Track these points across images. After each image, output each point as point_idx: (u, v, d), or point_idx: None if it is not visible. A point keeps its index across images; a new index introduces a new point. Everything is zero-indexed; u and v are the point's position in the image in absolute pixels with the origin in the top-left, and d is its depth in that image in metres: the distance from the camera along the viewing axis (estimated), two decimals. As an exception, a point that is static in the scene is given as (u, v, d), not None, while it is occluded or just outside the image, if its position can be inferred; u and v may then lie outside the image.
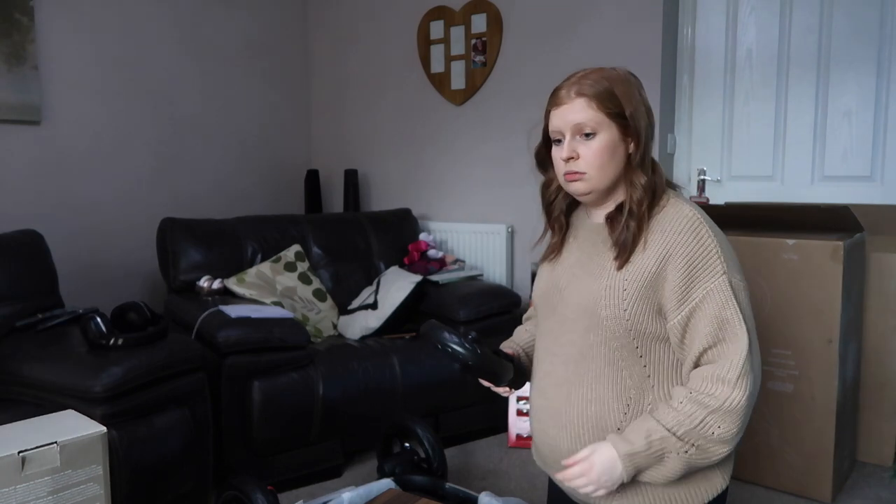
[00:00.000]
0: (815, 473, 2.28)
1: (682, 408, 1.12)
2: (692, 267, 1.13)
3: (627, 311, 1.17)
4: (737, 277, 1.15)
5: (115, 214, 3.24)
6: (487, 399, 2.80)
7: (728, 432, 1.11)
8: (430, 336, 1.31)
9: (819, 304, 2.22)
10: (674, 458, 1.13)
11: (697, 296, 1.13)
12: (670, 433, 1.12)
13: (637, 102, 1.21)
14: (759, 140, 2.98)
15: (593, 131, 1.20)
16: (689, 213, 1.17)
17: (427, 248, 3.33)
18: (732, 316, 1.12)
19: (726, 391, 1.10)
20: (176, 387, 2.03)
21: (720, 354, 1.12)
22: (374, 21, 3.88)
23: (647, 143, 1.21)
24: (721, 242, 1.16)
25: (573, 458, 1.17)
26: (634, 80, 1.24)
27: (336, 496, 1.67)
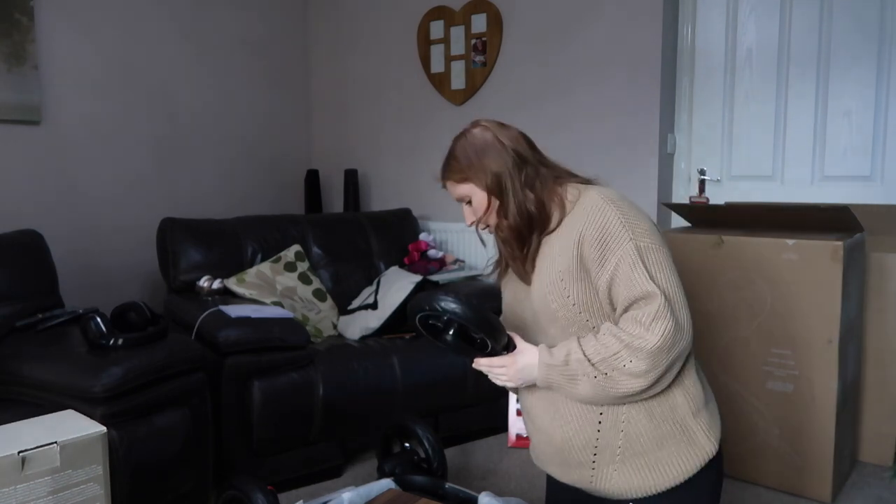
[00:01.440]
0: (815, 473, 2.28)
1: (602, 339, 1.27)
2: (601, 241, 1.29)
3: (571, 298, 1.33)
4: (645, 240, 1.28)
5: (115, 214, 3.24)
6: (487, 399, 2.81)
7: (637, 367, 1.24)
8: (421, 304, 1.33)
9: (819, 304, 2.22)
10: (585, 381, 1.28)
11: (611, 264, 1.28)
12: (586, 358, 1.27)
13: (478, 158, 1.39)
14: (759, 140, 2.98)
15: (467, 196, 1.43)
16: (595, 196, 1.33)
17: (427, 248, 3.33)
18: (641, 276, 1.25)
19: (640, 331, 1.23)
20: (176, 387, 2.03)
21: (639, 309, 1.26)
22: (374, 21, 3.88)
23: (511, 182, 1.37)
24: (626, 213, 1.30)
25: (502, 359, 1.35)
26: (471, 136, 1.43)
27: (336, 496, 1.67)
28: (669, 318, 1.23)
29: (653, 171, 3.02)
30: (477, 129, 1.43)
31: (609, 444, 1.34)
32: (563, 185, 1.40)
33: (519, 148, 1.39)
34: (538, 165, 1.40)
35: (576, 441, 1.37)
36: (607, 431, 1.34)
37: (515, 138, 1.40)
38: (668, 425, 1.32)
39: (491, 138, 1.40)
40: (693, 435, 1.33)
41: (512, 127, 1.44)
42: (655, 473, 1.33)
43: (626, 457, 1.34)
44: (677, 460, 1.32)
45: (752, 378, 2.37)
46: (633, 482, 1.34)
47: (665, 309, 1.23)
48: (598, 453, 1.35)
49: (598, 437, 1.35)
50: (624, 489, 1.35)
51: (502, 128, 1.42)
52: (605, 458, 1.35)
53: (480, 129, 1.42)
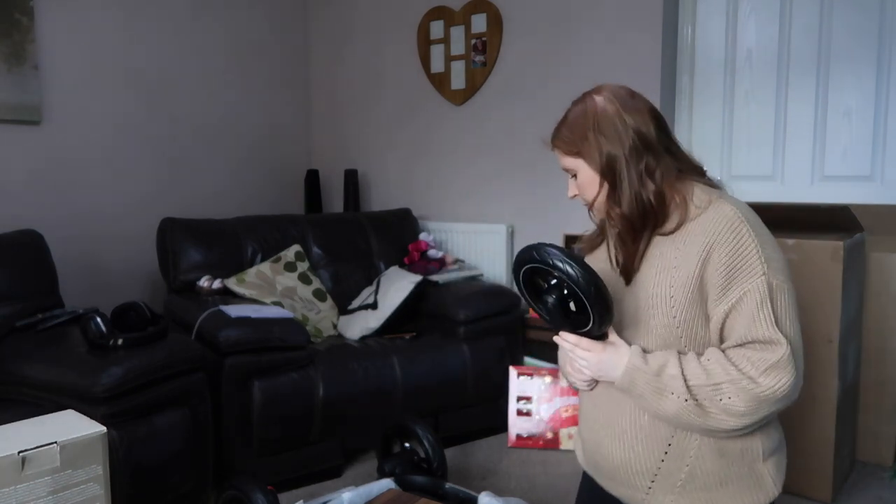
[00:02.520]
0: (815, 473, 2.28)
1: (707, 364, 1.14)
2: (731, 267, 1.14)
3: (677, 318, 1.18)
4: (779, 278, 1.14)
5: (115, 214, 3.24)
6: (487, 399, 2.81)
7: (735, 407, 1.11)
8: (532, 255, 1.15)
9: (819, 304, 2.21)
10: (671, 400, 1.15)
11: (734, 296, 1.13)
12: (682, 378, 1.14)
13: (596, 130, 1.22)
14: (759, 140, 2.98)
15: (573, 171, 1.29)
16: (730, 213, 1.17)
17: (427, 248, 3.33)
18: (766, 319, 1.12)
19: (753, 373, 1.11)
20: (176, 387, 2.03)
21: (755, 351, 1.13)
22: (374, 21, 3.88)
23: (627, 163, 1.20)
24: (763, 241, 1.16)
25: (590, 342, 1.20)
26: (594, 103, 1.25)
27: (336, 496, 1.67)
28: (791, 370, 1.11)
29: (653, 171, 3.01)
30: (600, 96, 1.24)
31: (671, 474, 1.24)
32: (688, 184, 1.23)
33: (643, 129, 1.21)
34: (663, 153, 1.22)
35: (636, 466, 1.26)
36: (672, 462, 1.23)
37: (641, 115, 1.22)
38: (737, 466, 1.22)
39: (613, 112, 1.21)
40: (761, 478, 1.24)
41: (641, 98, 1.25)
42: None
43: (685, 490, 1.23)
44: (739, 501, 1.23)
45: (752, 378, 2.37)
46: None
47: (788, 361, 1.11)
48: (656, 481, 1.25)
49: (661, 467, 1.24)
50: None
51: (630, 99, 1.24)
52: (663, 487, 1.25)
53: (604, 97, 1.24)
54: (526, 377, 2.77)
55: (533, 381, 2.76)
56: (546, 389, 2.74)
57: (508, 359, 2.85)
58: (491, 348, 2.80)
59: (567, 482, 2.42)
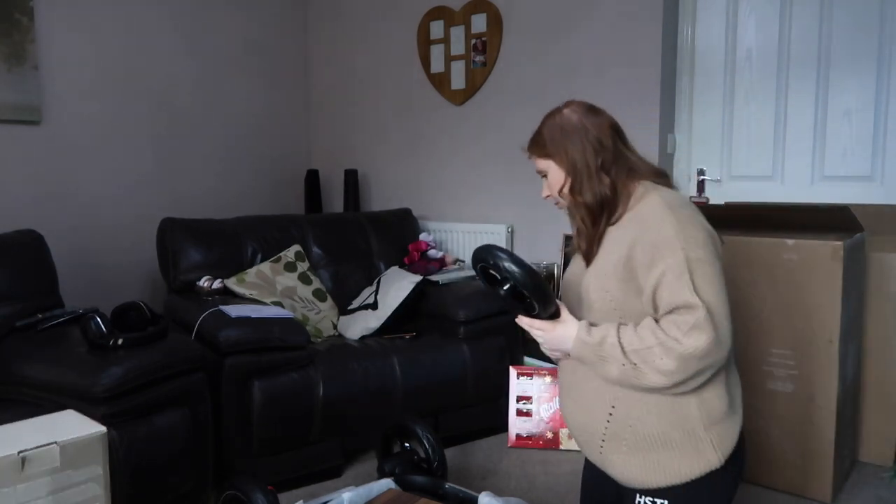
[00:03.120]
0: (815, 473, 2.28)
1: (640, 331, 1.32)
2: (654, 246, 1.33)
3: (610, 294, 1.39)
4: (698, 252, 1.31)
5: (115, 214, 3.24)
6: (487, 399, 2.81)
7: (666, 366, 1.28)
8: (484, 257, 1.38)
9: (819, 304, 2.22)
10: (614, 365, 1.34)
11: (658, 270, 1.31)
12: (620, 345, 1.32)
13: (562, 136, 1.45)
14: (759, 140, 2.98)
15: (545, 172, 1.50)
16: (656, 200, 1.38)
17: (427, 248, 3.33)
18: (686, 287, 1.28)
19: (677, 334, 1.27)
20: (176, 387, 2.03)
21: (680, 315, 1.29)
22: (374, 21, 3.88)
23: (587, 165, 1.42)
24: (683, 222, 1.34)
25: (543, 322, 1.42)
26: (562, 114, 1.48)
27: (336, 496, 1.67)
28: (709, 330, 1.27)
29: (653, 171, 3.01)
30: (567, 109, 1.49)
31: (617, 434, 1.41)
32: (635, 180, 1.44)
33: (602, 136, 1.44)
34: (617, 155, 1.44)
35: (589, 426, 1.45)
36: (616, 424, 1.40)
37: (601, 125, 1.45)
38: (676, 432, 1.36)
39: (577, 121, 1.45)
40: (700, 444, 1.36)
41: (604, 114, 1.49)
42: (656, 471, 1.38)
43: (631, 450, 1.40)
44: (679, 464, 1.37)
45: (752, 378, 2.37)
46: (634, 474, 1.41)
47: (706, 321, 1.26)
48: (605, 441, 1.43)
49: (607, 427, 1.41)
50: (626, 478, 1.43)
51: (592, 113, 1.48)
52: (612, 447, 1.42)
53: (570, 110, 1.48)
54: (526, 377, 2.77)
55: (533, 381, 2.77)
56: (546, 389, 2.74)
57: (508, 359, 2.85)
58: (491, 348, 2.80)
59: (567, 482, 2.42)
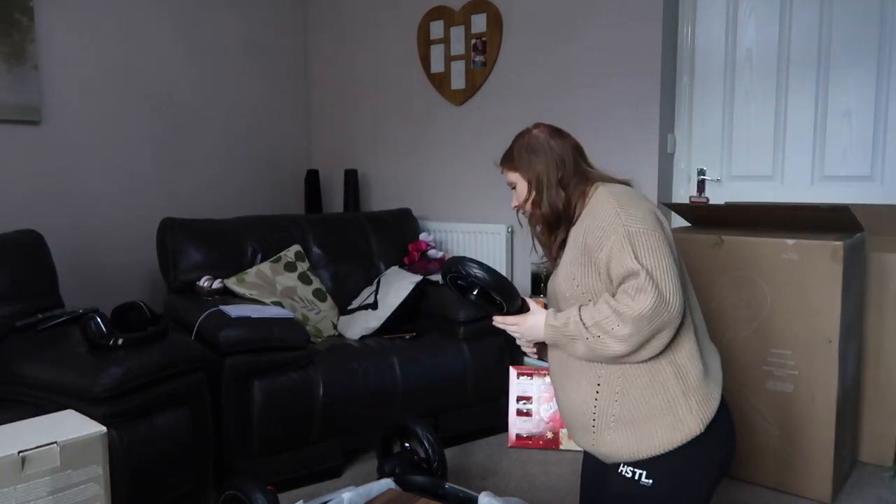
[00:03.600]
0: (815, 473, 2.28)
1: (598, 306, 1.46)
2: (599, 229, 1.48)
3: (576, 280, 1.53)
4: (637, 226, 1.45)
5: (115, 214, 3.24)
6: (487, 399, 2.81)
7: (622, 331, 1.40)
8: (451, 267, 1.56)
9: (819, 304, 2.22)
10: (580, 342, 1.47)
11: (607, 248, 1.46)
12: (581, 322, 1.46)
13: (528, 153, 1.62)
14: (759, 140, 2.98)
15: (514, 184, 1.66)
16: (602, 192, 1.54)
17: (427, 248, 3.33)
18: (628, 256, 1.42)
19: (627, 300, 1.41)
20: (176, 387, 2.03)
21: (627, 283, 1.43)
22: (374, 21, 3.88)
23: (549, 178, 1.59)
24: (623, 204, 1.49)
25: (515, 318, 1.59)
26: (530, 134, 1.64)
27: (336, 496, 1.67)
28: (652, 290, 1.39)
29: (653, 171, 3.01)
30: (536, 130, 1.64)
31: (605, 411, 1.51)
32: (592, 186, 1.59)
33: (564, 154, 1.60)
34: (576, 171, 1.60)
35: (579, 407, 1.55)
36: (603, 401, 1.51)
37: (564, 146, 1.62)
38: (658, 399, 1.47)
39: (543, 140, 1.62)
40: (679, 412, 1.46)
41: (568, 136, 1.65)
42: (641, 441, 1.47)
43: (619, 424, 1.49)
44: (662, 433, 1.46)
45: (752, 378, 2.37)
46: (623, 447, 1.49)
47: (647, 283, 1.39)
48: (595, 420, 1.52)
49: (595, 406, 1.52)
50: (616, 453, 1.51)
51: (557, 135, 1.64)
52: (602, 424, 1.51)
53: (538, 131, 1.64)
54: (526, 377, 2.77)
55: (533, 381, 2.77)
56: (546, 389, 2.74)
57: (508, 359, 2.85)
58: (491, 348, 2.80)
59: (567, 482, 2.42)
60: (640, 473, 1.48)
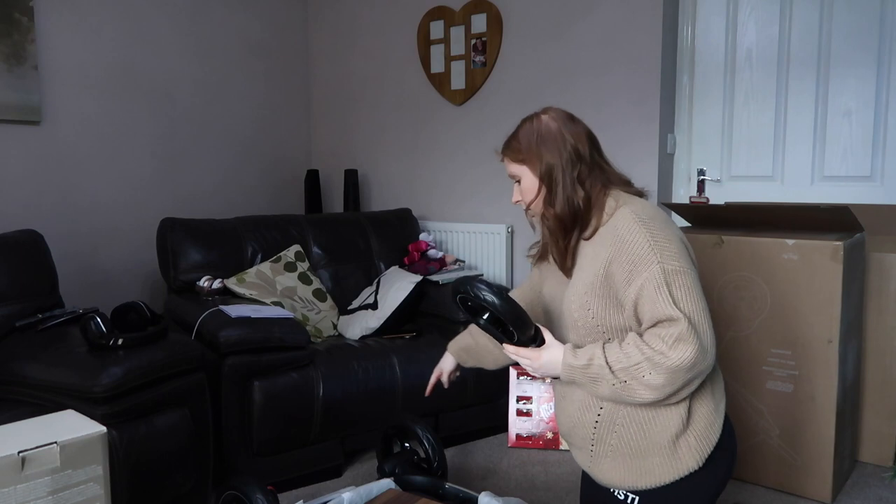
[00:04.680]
0: (815, 473, 2.28)
1: (626, 349, 1.32)
2: (630, 262, 1.33)
3: (592, 312, 1.39)
4: (673, 264, 1.32)
5: (115, 214, 3.24)
6: (487, 399, 2.81)
7: (655, 381, 1.29)
8: (463, 286, 1.41)
9: (819, 304, 2.22)
10: (604, 385, 1.34)
11: (637, 285, 1.32)
12: (608, 365, 1.32)
13: (539, 142, 1.44)
14: (759, 140, 2.98)
15: (518, 176, 1.49)
16: (627, 215, 1.37)
17: (427, 248, 3.33)
18: (665, 300, 1.30)
19: (663, 348, 1.28)
20: (176, 387, 2.03)
21: (663, 328, 1.30)
22: (374, 21, 3.88)
23: (562, 175, 1.42)
24: (656, 235, 1.34)
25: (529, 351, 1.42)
26: (541, 120, 1.46)
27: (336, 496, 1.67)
28: (693, 341, 1.27)
29: (653, 171, 3.02)
30: (546, 115, 1.47)
31: (603, 440, 1.45)
32: (608, 193, 1.44)
33: (579, 145, 1.43)
34: (594, 167, 1.44)
35: (579, 431, 1.48)
36: (602, 429, 1.44)
37: (579, 135, 1.45)
38: (658, 437, 1.40)
39: (555, 129, 1.44)
40: (679, 451, 1.40)
41: (581, 123, 1.48)
42: (637, 475, 1.42)
43: (617, 455, 1.44)
44: (659, 469, 1.41)
45: (752, 378, 2.37)
46: (618, 477, 1.44)
47: (689, 333, 1.27)
48: (594, 445, 1.46)
49: (595, 431, 1.45)
50: (612, 481, 1.46)
51: (570, 121, 1.46)
52: (600, 451, 1.46)
53: (549, 117, 1.46)
54: (526, 377, 2.77)
55: (533, 382, 2.77)
56: (546, 389, 2.74)
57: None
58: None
59: (567, 482, 2.42)
60: (633, 498, 1.44)
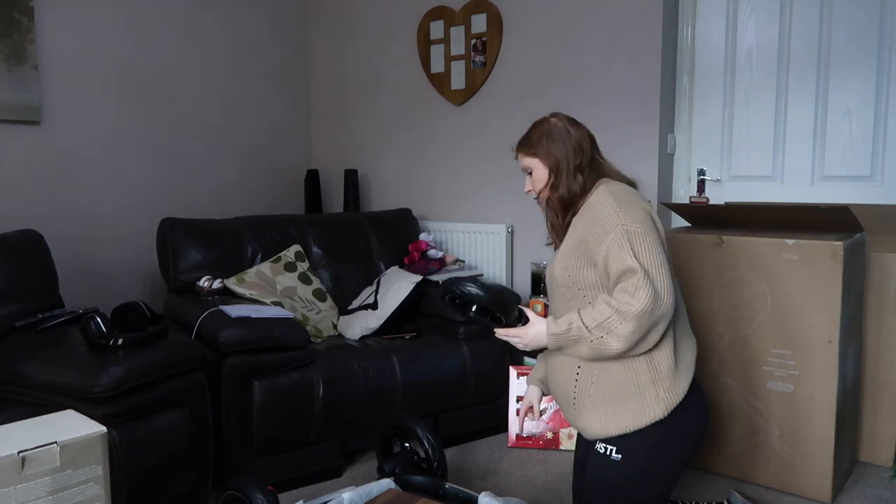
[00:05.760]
0: (814, 473, 2.28)
1: (597, 307, 1.58)
2: (599, 227, 1.62)
3: (569, 271, 1.68)
4: (635, 225, 1.59)
5: (115, 214, 3.25)
6: (487, 399, 2.81)
7: (625, 329, 1.54)
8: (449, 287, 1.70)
9: (819, 304, 2.22)
10: (585, 345, 1.60)
11: (605, 244, 1.59)
12: (584, 325, 1.59)
13: (547, 138, 1.74)
14: (759, 140, 2.98)
15: (530, 169, 1.79)
16: (602, 191, 1.68)
17: (427, 248, 3.33)
18: (626, 254, 1.56)
19: (626, 298, 1.53)
20: (176, 387, 2.03)
21: (625, 280, 1.56)
22: (374, 21, 3.88)
23: (567, 164, 1.72)
24: (622, 203, 1.62)
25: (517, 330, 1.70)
26: (549, 122, 1.77)
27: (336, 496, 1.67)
28: (648, 287, 1.52)
29: (653, 171, 3.02)
30: (554, 118, 1.77)
31: (584, 392, 1.69)
32: (600, 181, 1.72)
33: (581, 141, 1.74)
34: (591, 161, 1.75)
35: (563, 388, 1.74)
36: (582, 382, 1.69)
37: (581, 134, 1.75)
38: (628, 385, 1.63)
39: (562, 128, 1.74)
40: (647, 398, 1.62)
41: (583, 126, 1.78)
42: (612, 420, 1.65)
43: (596, 403, 1.67)
44: (630, 415, 1.63)
45: (752, 378, 2.37)
46: (596, 424, 1.67)
47: (644, 280, 1.52)
48: (576, 398, 1.71)
49: (576, 387, 1.70)
50: (591, 428, 1.69)
51: (573, 124, 1.77)
52: (582, 403, 1.70)
53: (556, 119, 1.76)
54: (526, 377, 2.77)
55: (533, 381, 2.76)
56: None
57: (508, 359, 2.85)
58: (491, 348, 2.80)
59: (567, 482, 2.42)
60: (611, 449, 1.65)
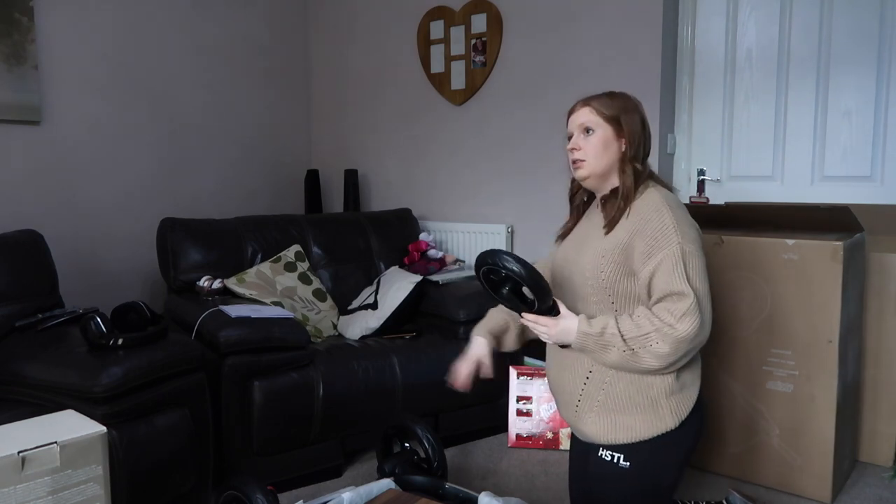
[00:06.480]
0: (814, 473, 2.28)
1: (637, 320, 1.50)
2: (652, 238, 1.53)
3: (604, 274, 1.58)
4: (690, 246, 1.52)
5: (115, 214, 3.24)
6: (487, 399, 2.81)
7: (661, 350, 1.48)
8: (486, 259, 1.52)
9: (819, 304, 2.22)
10: (614, 352, 1.52)
11: (657, 259, 1.51)
12: (620, 334, 1.50)
13: (631, 112, 1.64)
14: (759, 140, 2.98)
15: (592, 129, 1.64)
16: (657, 198, 1.58)
17: (427, 248, 3.33)
18: (679, 276, 1.49)
19: (671, 320, 1.47)
20: (176, 387, 2.03)
21: (672, 303, 1.49)
22: (374, 21, 3.88)
23: (638, 144, 1.64)
24: (679, 220, 1.54)
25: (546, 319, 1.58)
26: (633, 99, 1.69)
27: (336, 496, 1.67)
28: (696, 315, 1.46)
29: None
30: (632, 98, 1.71)
31: (591, 395, 1.64)
32: (648, 179, 1.65)
33: (648, 128, 1.69)
34: (647, 150, 1.69)
35: (568, 387, 1.68)
36: (592, 385, 1.63)
37: (646, 122, 1.70)
38: (642, 397, 1.58)
39: (642, 112, 1.69)
40: (660, 410, 1.58)
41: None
42: (620, 429, 1.60)
43: (602, 410, 1.62)
44: (641, 425, 1.59)
45: (752, 378, 2.37)
46: (601, 430, 1.62)
47: (694, 307, 1.46)
48: (581, 400, 1.65)
49: (584, 388, 1.64)
50: (594, 435, 1.64)
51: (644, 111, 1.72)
52: (586, 406, 1.65)
53: (635, 100, 1.71)
54: (526, 377, 2.77)
55: (533, 382, 2.77)
56: (546, 390, 2.74)
57: (508, 359, 2.84)
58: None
59: (567, 482, 2.42)
60: (618, 457, 1.61)
